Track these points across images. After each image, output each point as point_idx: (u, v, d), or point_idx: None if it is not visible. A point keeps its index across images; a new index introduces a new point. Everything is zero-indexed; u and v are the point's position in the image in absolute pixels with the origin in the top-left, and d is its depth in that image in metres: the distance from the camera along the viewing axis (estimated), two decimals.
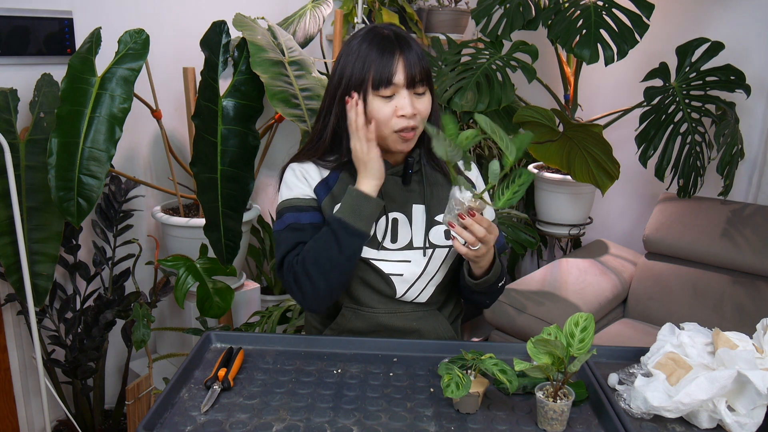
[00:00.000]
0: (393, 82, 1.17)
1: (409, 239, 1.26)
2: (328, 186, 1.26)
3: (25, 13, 1.82)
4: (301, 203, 1.24)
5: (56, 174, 1.58)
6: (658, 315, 2.24)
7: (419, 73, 1.18)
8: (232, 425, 0.96)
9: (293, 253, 1.22)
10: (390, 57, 1.17)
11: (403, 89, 1.18)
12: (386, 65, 1.17)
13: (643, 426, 0.99)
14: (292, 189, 1.26)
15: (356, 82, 1.18)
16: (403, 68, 1.17)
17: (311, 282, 1.17)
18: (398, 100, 1.18)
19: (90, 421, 2.05)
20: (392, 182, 1.27)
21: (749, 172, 2.39)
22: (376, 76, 1.17)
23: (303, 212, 1.24)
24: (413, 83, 1.18)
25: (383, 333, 1.28)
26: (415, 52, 1.19)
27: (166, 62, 2.12)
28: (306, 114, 1.78)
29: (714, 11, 2.38)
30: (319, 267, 1.17)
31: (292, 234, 1.23)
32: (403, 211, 1.26)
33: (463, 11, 2.80)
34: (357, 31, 1.25)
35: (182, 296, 1.75)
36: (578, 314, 0.99)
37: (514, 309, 2.10)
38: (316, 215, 1.24)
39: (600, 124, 2.07)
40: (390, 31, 1.21)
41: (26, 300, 1.72)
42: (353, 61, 1.19)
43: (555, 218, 2.59)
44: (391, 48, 1.18)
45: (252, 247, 2.41)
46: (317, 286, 1.17)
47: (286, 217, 1.24)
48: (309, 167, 1.28)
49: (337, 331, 1.31)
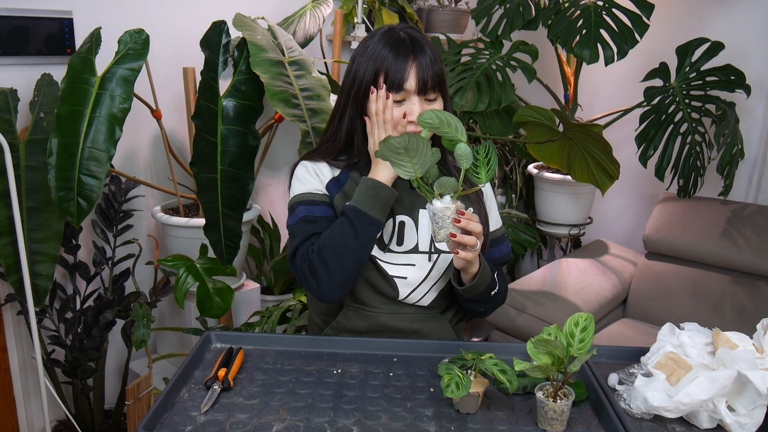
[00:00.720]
0: (404, 88, 1.17)
1: (414, 243, 1.26)
2: (340, 184, 1.27)
3: (25, 13, 1.82)
4: (314, 197, 1.24)
5: (56, 174, 1.58)
6: (658, 315, 2.24)
7: (431, 80, 1.18)
8: (232, 425, 0.96)
9: (308, 243, 1.21)
10: (403, 62, 1.17)
11: (414, 95, 1.18)
12: (399, 70, 1.17)
13: (643, 426, 0.99)
14: (304, 184, 1.26)
15: (369, 83, 1.19)
16: (416, 74, 1.17)
17: (327, 270, 1.17)
18: (408, 106, 1.19)
19: (90, 421, 2.05)
20: (401, 185, 1.27)
21: (749, 172, 2.39)
22: (388, 80, 1.17)
23: (316, 205, 1.24)
24: (425, 90, 1.18)
25: (384, 333, 1.28)
26: (429, 57, 1.18)
27: (166, 62, 2.12)
28: (306, 114, 1.78)
29: (714, 11, 2.38)
30: (336, 255, 1.16)
31: (306, 226, 1.22)
32: (411, 215, 1.26)
33: (463, 11, 2.80)
34: (374, 31, 1.24)
35: (182, 296, 1.75)
36: (578, 314, 0.99)
37: (514, 309, 2.10)
38: (328, 209, 1.24)
39: (600, 124, 2.07)
40: (406, 33, 1.20)
41: (26, 300, 1.72)
42: (367, 63, 1.19)
43: (555, 218, 2.59)
44: (405, 52, 1.17)
45: (252, 247, 2.41)
46: (333, 275, 1.17)
47: (299, 210, 1.24)
48: (321, 165, 1.29)
49: (338, 329, 1.31)
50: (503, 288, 1.31)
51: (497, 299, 1.29)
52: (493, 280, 1.24)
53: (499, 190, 2.80)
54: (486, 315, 1.38)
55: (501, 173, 2.78)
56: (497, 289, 1.26)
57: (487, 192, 1.35)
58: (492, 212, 1.35)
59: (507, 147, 2.79)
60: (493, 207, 1.36)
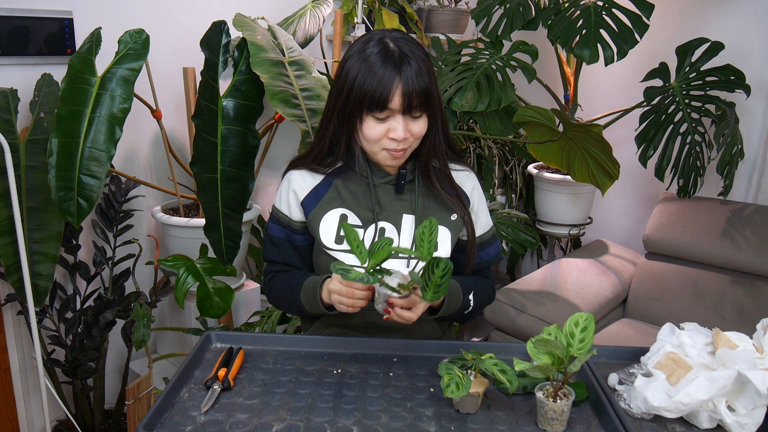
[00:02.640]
0: (388, 107, 1.15)
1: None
2: (318, 195, 1.28)
3: (25, 13, 1.82)
4: (284, 219, 1.31)
5: (56, 174, 1.58)
6: (658, 315, 2.24)
7: (417, 98, 1.15)
8: (232, 425, 0.96)
9: (270, 267, 1.35)
10: (389, 80, 1.13)
11: (399, 114, 1.16)
12: (383, 89, 1.13)
13: (643, 426, 0.99)
14: (281, 201, 1.33)
15: (355, 97, 1.16)
16: (400, 94, 1.14)
17: (277, 306, 1.37)
18: (391, 123, 1.17)
19: (90, 421, 2.05)
20: (385, 191, 1.27)
21: (749, 172, 2.39)
22: (373, 98, 1.14)
23: (283, 227, 1.31)
24: (409, 108, 1.16)
25: (371, 331, 1.29)
26: (417, 72, 1.15)
27: (166, 62, 2.12)
28: (306, 114, 1.79)
29: (714, 11, 2.38)
30: (280, 307, 1.36)
31: (271, 247, 1.34)
32: (392, 221, 1.26)
33: (463, 11, 2.80)
34: (365, 36, 1.21)
35: (182, 296, 1.75)
36: (578, 314, 0.99)
37: (514, 309, 2.10)
38: (294, 236, 1.31)
39: (600, 124, 2.07)
40: (396, 46, 1.16)
41: (26, 300, 1.72)
42: (354, 74, 1.16)
43: (555, 218, 2.59)
44: (392, 67, 1.14)
45: (252, 247, 2.41)
46: (281, 309, 1.38)
47: (272, 226, 1.33)
48: (302, 177, 1.30)
49: (326, 324, 1.32)
50: (483, 300, 1.33)
51: (474, 313, 1.31)
52: (464, 303, 1.26)
53: (499, 190, 2.80)
54: (465, 322, 1.41)
55: (501, 173, 2.78)
56: (471, 308, 1.28)
57: (475, 200, 1.34)
58: (480, 217, 1.34)
59: (507, 147, 2.79)
60: (482, 211, 1.35)
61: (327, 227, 1.26)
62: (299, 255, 1.33)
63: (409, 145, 1.20)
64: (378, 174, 1.27)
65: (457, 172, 1.33)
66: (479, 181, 1.37)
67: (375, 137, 1.18)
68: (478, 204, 1.34)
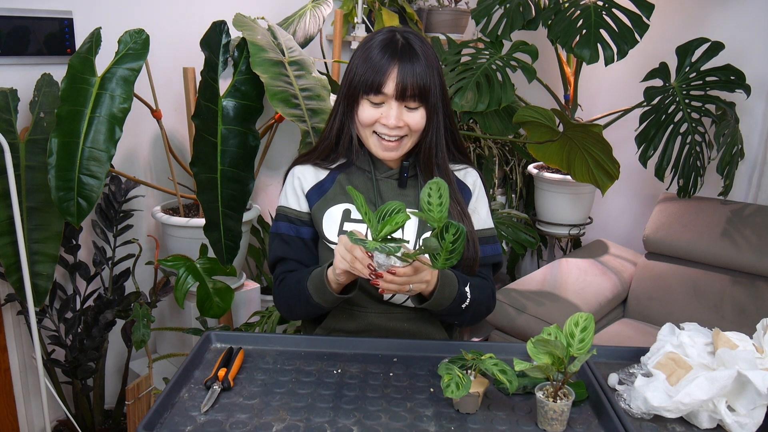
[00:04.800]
0: (382, 92, 1.16)
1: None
2: (323, 190, 1.28)
3: (25, 13, 1.82)
4: (292, 214, 1.29)
5: (56, 174, 1.58)
6: (658, 315, 2.24)
7: (412, 88, 1.16)
8: (232, 425, 0.96)
9: (280, 268, 1.31)
10: (386, 65, 1.15)
11: (393, 100, 1.17)
12: (379, 73, 1.16)
13: (643, 426, 0.99)
14: (288, 197, 1.31)
15: (354, 81, 1.19)
16: (395, 79, 1.15)
17: (288, 310, 1.30)
18: (385, 109, 1.18)
19: (90, 421, 2.05)
20: (388, 185, 1.27)
21: (749, 172, 2.39)
22: (367, 81, 1.16)
23: (292, 224, 1.29)
24: (403, 96, 1.16)
25: (374, 333, 1.28)
26: (417, 67, 1.16)
27: (166, 62, 2.12)
28: (306, 114, 1.79)
29: (714, 11, 2.38)
30: (291, 310, 1.29)
31: (281, 245, 1.30)
32: None
33: (463, 11, 2.80)
34: (379, 30, 1.24)
35: (182, 296, 1.75)
36: (578, 314, 0.99)
37: (514, 309, 2.10)
38: (303, 230, 1.29)
39: (600, 124, 2.06)
40: (403, 38, 1.18)
41: (26, 300, 1.72)
42: (357, 60, 1.20)
43: (555, 218, 2.59)
44: (391, 55, 1.16)
45: (252, 247, 2.41)
46: (292, 314, 1.30)
47: (280, 224, 1.30)
48: (306, 171, 1.30)
49: (328, 329, 1.31)
50: (481, 299, 1.25)
51: (472, 312, 1.24)
52: (461, 295, 1.19)
53: (499, 190, 2.80)
54: (464, 326, 1.36)
55: (501, 173, 2.78)
56: (468, 302, 1.21)
57: (476, 193, 1.33)
58: (480, 213, 1.33)
59: (507, 147, 2.79)
60: (482, 207, 1.34)
61: (330, 222, 1.26)
62: (309, 250, 1.31)
63: (403, 135, 1.20)
64: (381, 168, 1.28)
65: (459, 171, 1.33)
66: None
67: (367, 121, 1.19)
68: (477, 197, 1.33)
